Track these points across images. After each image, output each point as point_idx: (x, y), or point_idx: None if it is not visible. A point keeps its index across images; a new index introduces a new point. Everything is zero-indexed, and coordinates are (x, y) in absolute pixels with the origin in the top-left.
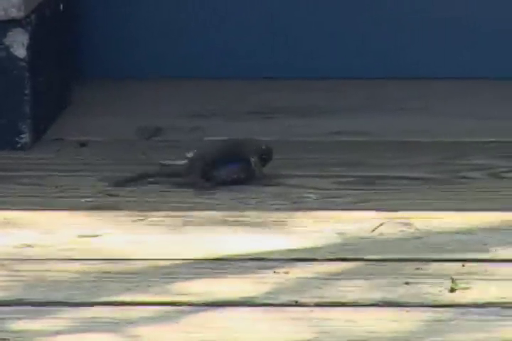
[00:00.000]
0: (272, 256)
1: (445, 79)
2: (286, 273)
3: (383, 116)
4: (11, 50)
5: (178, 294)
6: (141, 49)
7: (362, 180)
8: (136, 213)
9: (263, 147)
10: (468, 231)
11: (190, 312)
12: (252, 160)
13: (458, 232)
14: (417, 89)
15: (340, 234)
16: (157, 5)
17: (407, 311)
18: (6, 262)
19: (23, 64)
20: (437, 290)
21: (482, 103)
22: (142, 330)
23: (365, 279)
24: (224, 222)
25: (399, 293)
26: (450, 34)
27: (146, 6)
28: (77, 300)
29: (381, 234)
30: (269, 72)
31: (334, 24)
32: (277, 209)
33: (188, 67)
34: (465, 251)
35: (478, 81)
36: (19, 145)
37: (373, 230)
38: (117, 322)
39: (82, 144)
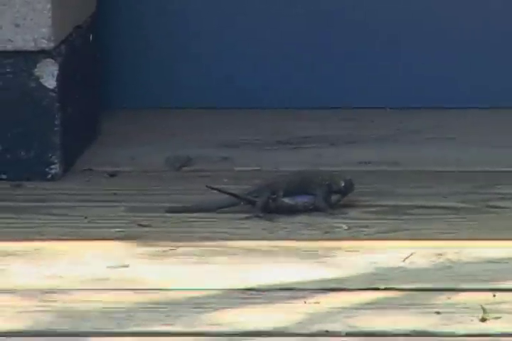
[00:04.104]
0: (303, 286)
1: (474, 109)
2: (317, 303)
3: (412, 145)
4: (41, 80)
5: (209, 324)
6: (170, 79)
7: (392, 209)
8: (167, 243)
9: (341, 183)
10: (500, 261)
11: None
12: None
13: (489, 261)
14: (446, 118)
15: (371, 263)
16: (188, 36)
17: None
18: (36, 292)
19: (53, 94)
20: (469, 320)
21: (511, 132)
22: None
23: (396, 309)
24: (254, 252)
25: (430, 322)
26: (479, 65)
27: (176, 38)
28: (108, 330)
29: (412, 263)
30: (297, 103)
31: (363, 52)
32: (308, 239)
33: (215, 97)
34: (496, 281)
35: (507, 110)
36: (49, 176)
37: (404, 260)
38: None
39: (112, 175)
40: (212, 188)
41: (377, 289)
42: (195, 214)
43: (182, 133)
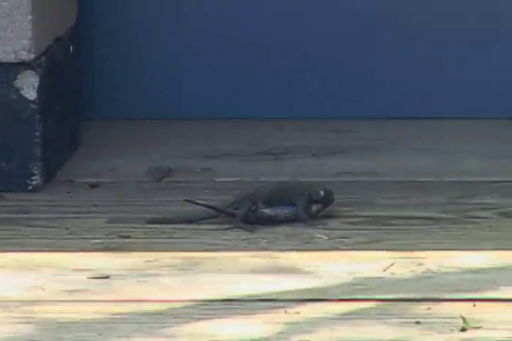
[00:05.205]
0: (283, 297)
1: (454, 119)
2: (297, 313)
3: (393, 155)
4: (22, 92)
5: (190, 335)
6: (149, 90)
7: (372, 220)
8: (148, 254)
9: (320, 192)
10: (479, 271)
11: None
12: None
13: (469, 272)
14: (426, 128)
15: (351, 273)
16: (163, 47)
17: None
18: (17, 304)
19: (34, 106)
20: (449, 330)
21: (491, 142)
22: None
23: (377, 319)
24: (235, 262)
25: (410, 332)
26: (459, 74)
27: (153, 48)
28: None
29: (392, 273)
30: (278, 113)
31: (343, 63)
32: (289, 250)
33: (196, 107)
34: (476, 291)
35: (487, 120)
36: (30, 188)
37: (384, 270)
38: None
39: (93, 186)
40: (191, 202)
41: (358, 299)
42: (176, 225)
43: (162, 144)
